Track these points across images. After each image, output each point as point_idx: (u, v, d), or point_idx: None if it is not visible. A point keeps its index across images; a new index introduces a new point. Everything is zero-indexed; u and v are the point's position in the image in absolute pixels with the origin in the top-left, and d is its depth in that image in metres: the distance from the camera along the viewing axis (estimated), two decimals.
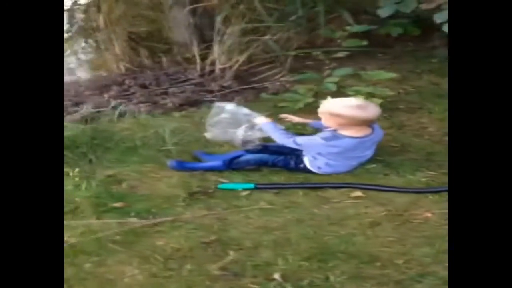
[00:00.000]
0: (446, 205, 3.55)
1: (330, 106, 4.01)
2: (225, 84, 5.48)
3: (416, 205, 3.59)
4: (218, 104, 4.57)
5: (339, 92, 4.93)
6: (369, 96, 4.73)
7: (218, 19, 5.68)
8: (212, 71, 5.70)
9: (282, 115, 4.40)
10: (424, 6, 4.90)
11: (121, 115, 4.93)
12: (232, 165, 4.08)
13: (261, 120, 4.19)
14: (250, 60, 5.79)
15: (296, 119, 4.35)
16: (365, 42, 5.43)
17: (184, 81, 5.64)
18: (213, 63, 5.76)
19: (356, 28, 5.49)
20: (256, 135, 4.27)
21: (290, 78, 5.46)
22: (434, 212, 3.50)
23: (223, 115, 4.44)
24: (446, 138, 4.44)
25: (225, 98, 5.29)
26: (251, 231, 3.44)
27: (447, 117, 4.16)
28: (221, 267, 3.16)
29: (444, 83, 5.37)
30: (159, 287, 3.03)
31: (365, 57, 5.84)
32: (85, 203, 3.78)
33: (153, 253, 3.29)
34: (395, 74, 5.06)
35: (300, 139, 4.07)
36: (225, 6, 5.74)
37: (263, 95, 5.19)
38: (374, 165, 4.07)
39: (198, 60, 5.78)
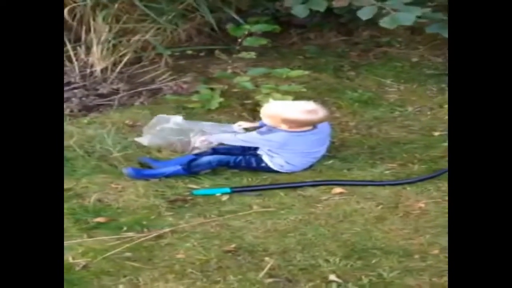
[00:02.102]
0: (429, 194, 3.75)
1: (283, 111, 4.09)
2: (114, 87, 5.24)
3: (402, 197, 3.77)
4: (160, 116, 4.48)
5: (253, 91, 4.95)
6: (285, 93, 4.80)
7: (99, 18, 5.41)
8: (92, 73, 5.41)
9: (238, 123, 4.37)
10: (335, 4, 5.05)
11: None
12: (191, 169, 3.97)
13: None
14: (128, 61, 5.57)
15: (247, 124, 4.33)
16: (265, 41, 5.49)
17: (65, 84, 5.29)
18: (91, 65, 5.46)
19: (258, 27, 5.52)
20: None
21: (187, 78, 5.35)
22: (425, 202, 3.67)
23: (169, 125, 4.35)
24: (373, 130, 4.67)
25: (122, 100, 5.07)
26: (266, 236, 3.44)
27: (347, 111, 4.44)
28: (267, 274, 3.09)
29: (325, 77, 5.58)
30: None
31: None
32: (66, 221, 3.53)
33: (183, 267, 3.16)
34: (304, 71, 5.18)
35: (241, 136, 4.18)
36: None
37: (168, 96, 5.06)
38: (331, 161, 4.18)
39: (75, 62, 5.46)
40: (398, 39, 6.38)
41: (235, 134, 4.19)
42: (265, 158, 4.07)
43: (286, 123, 4.04)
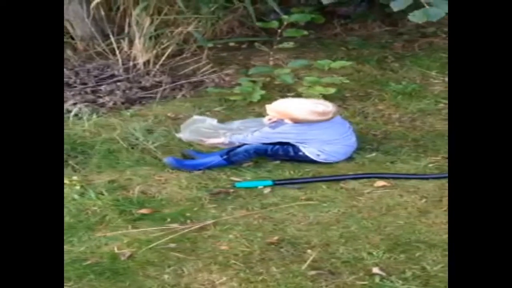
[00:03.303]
0: None
1: (293, 111, 4.12)
2: (157, 80, 5.27)
3: (446, 190, 3.71)
4: (196, 117, 4.54)
5: (295, 83, 4.94)
6: (327, 85, 4.79)
7: (137, 11, 5.45)
8: (134, 66, 5.44)
9: (267, 117, 4.33)
10: None
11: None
12: (230, 158, 3.99)
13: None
14: (170, 53, 5.59)
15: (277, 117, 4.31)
16: (305, 32, 5.48)
17: (109, 77, 5.33)
18: (133, 58, 5.49)
19: (295, 17, 5.50)
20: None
21: (229, 70, 5.36)
22: None
23: (203, 125, 4.42)
24: (417, 123, 4.63)
25: (164, 93, 5.09)
26: (309, 228, 3.44)
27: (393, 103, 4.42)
28: (310, 266, 3.08)
29: (368, 69, 5.55)
30: None
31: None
32: (111, 213, 3.53)
33: (226, 258, 3.16)
34: (347, 62, 5.16)
35: (256, 133, 4.20)
36: None
37: (210, 88, 5.07)
38: (374, 154, 4.15)
39: (118, 55, 5.49)
40: (444, 29, 6.30)
41: (251, 133, 4.20)
42: (302, 148, 4.06)
43: (294, 121, 4.10)
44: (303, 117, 4.06)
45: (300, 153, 4.08)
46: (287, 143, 4.12)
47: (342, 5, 6.23)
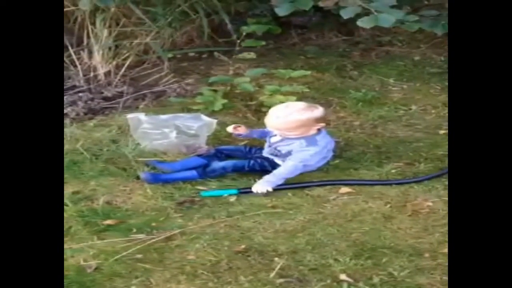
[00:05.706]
0: (437, 193, 3.76)
1: (308, 114, 4.07)
2: (119, 90, 5.25)
3: (410, 196, 3.77)
4: (130, 116, 4.47)
5: (256, 92, 4.97)
6: (288, 94, 4.82)
7: (98, 23, 5.43)
8: (95, 77, 5.42)
9: (232, 128, 4.28)
10: (322, 4, 5.02)
11: None
12: (207, 174, 3.98)
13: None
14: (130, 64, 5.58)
15: (244, 130, 4.29)
16: (263, 42, 5.50)
17: (70, 88, 5.30)
18: (94, 69, 5.47)
19: (253, 28, 5.53)
20: (194, 139, 4.30)
21: (190, 80, 5.37)
22: (433, 201, 3.68)
23: (145, 126, 4.36)
24: (379, 130, 4.68)
25: (127, 103, 5.08)
26: (275, 236, 3.45)
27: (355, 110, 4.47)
28: (278, 274, 3.10)
29: (328, 77, 5.60)
30: None
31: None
32: (75, 224, 3.52)
33: (194, 268, 3.17)
34: (306, 71, 5.20)
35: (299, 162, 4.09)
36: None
37: (172, 98, 5.08)
38: (337, 161, 4.18)
39: (79, 66, 5.47)
40: (400, 37, 6.39)
41: (299, 163, 4.05)
42: (278, 161, 4.06)
43: (320, 121, 4.07)
44: (321, 113, 4.10)
45: (277, 167, 4.06)
46: (262, 158, 4.10)
47: (297, 15, 6.25)
